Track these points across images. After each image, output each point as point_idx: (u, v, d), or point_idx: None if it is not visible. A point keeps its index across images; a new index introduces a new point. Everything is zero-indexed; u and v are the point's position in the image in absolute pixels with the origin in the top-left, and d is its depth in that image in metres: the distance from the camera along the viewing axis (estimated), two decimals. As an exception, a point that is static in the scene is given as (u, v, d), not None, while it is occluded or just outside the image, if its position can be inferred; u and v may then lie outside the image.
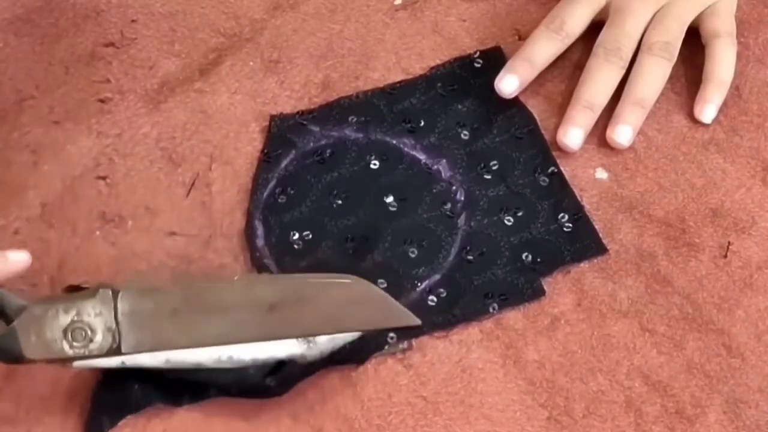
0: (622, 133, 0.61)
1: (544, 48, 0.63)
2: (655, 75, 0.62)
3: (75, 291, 0.50)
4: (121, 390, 0.53)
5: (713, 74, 0.63)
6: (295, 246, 0.58)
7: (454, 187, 0.60)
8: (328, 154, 0.61)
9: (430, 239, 0.58)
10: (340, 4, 0.67)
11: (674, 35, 0.63)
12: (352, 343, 0.52)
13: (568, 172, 0.61)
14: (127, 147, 0.61)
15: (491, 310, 0.56)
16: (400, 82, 0.64)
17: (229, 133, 0.62)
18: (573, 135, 0.61)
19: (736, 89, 0.63)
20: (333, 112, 0.62)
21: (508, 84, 0.62)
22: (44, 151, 0.61)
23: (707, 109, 0.62)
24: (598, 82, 0.62)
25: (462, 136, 0.62)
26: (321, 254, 0.58)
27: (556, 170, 0.61)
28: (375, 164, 0.61)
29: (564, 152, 0.61)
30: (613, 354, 0.55)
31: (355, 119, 0.62)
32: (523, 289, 0.57)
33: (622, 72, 0.62)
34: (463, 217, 0.59)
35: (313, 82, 0.64)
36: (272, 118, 0.62)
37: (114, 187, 0.60)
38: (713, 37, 0.63)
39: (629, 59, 0.62)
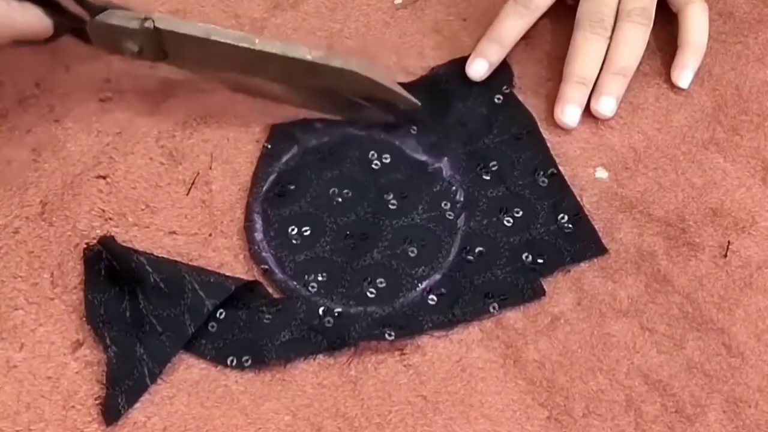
0: (606, 105, 0.62)
1: (512, 25, 0.63)
2: (635, 42, 0.63)
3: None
4: (134, 368, 0.53)
5: (688, 39, 0.64)
6: (294, 241, 0.58)
7: (453, 188, 0.60)
8: (329, 152, 0.61)
9: (429, 239, 0.58)
10: (341, 3, 0.67)
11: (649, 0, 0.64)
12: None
13: (567, 172, 0.61)
14: (128, 145, 0.61)
15: (491, 310, 0.56)
16: (399, 83, 0.64)
17: (229, 132, 0.62)
18: (570, 112, 0.62)
19: (736, 89, 0.64)
20: None
21: (477, 68, 0.63)
22: (44, 150, 0.61)
23: (684, 74, 0.63)
24: (588, 56, 0.62)
25: (462, 135, 0.62)
26: (320, 250, 0.58)
27: (555, 171, 0.60)
28: (376, 164, 0.61)
29: (564, 153, 0.61)
30: (613, 353, 0.55)
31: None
32: (523, 290, 0.57)
33: (608, 41, 0.63)
34: (462, 217, 0.59)
35: (313, 81, 0.64)
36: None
37: (114, 185, 0.60)
38: (685, 3, 0.64)
39: (611, 27, 0.63)
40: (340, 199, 0.59)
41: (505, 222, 0.59)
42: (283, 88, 0.61)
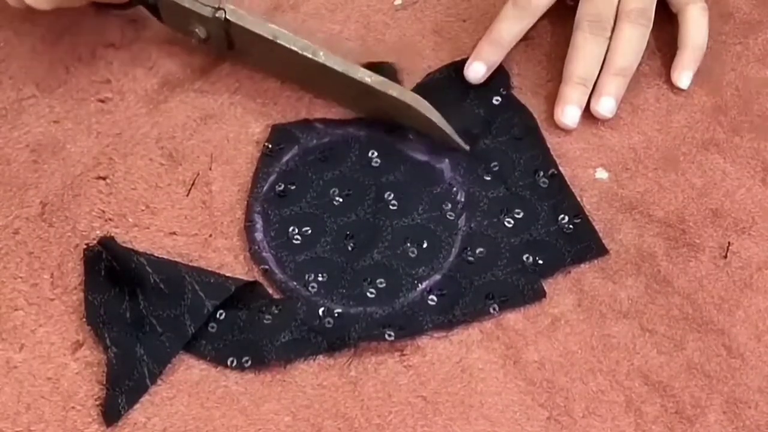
0: (605, 105, 0.62)
1: (511, 26, 0.63)
2: (635, 43, 0.63)
3: None
4: (134, 369, 0.53)
5: (688, 40, 0.64)
6: (294, 241, 0.58)
7: (454, 188, 0.60)
8: (330, 153, 0.61)
9: (430, 239, 0.58)
10: (340, 4, 0.67)
11: (649, 0, 0.64)
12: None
13: (568, 173, 0.61)
14: (127, 146, 0.61)
15: (492, 310, 0.56)
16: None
17: (229, 133, 0.62)
18: (570, 113, 0.62)
19: (736, 90, 0.64)
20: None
21: (475, 71, 0.63)
22: (44, 151, 0.61)
23: (683, 76, 0.63)
24: (587, 57, 0.62)
25: (461, 136, 0.62)
26: (320, 250, 0.58)
27: (555, 172, 0.60)
28: (377, 162, 0.61)
29: (564, 153, 0.61)
30: (613, 354, 0.55)
31: (358, 118, 0.62)
32: (523, 291, 0.56)
33: (607, 42, 0.63)
34: (463, 217, 0.59)
35: (313, 82, 0.64)
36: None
37: (114, 186, 0.60)
38: (685, 3, 0.64)
39: (611, 28, 0.63)
40: (340, 199, 0.59)
41: (506, 223, 0.59)
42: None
